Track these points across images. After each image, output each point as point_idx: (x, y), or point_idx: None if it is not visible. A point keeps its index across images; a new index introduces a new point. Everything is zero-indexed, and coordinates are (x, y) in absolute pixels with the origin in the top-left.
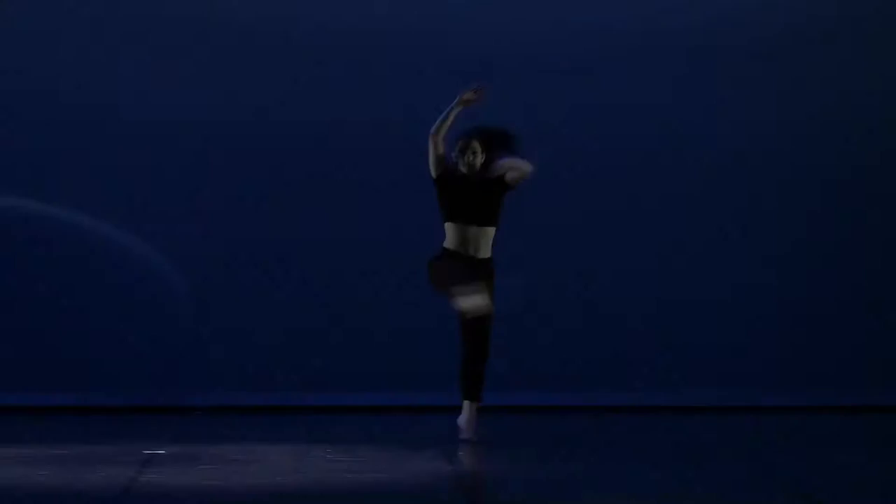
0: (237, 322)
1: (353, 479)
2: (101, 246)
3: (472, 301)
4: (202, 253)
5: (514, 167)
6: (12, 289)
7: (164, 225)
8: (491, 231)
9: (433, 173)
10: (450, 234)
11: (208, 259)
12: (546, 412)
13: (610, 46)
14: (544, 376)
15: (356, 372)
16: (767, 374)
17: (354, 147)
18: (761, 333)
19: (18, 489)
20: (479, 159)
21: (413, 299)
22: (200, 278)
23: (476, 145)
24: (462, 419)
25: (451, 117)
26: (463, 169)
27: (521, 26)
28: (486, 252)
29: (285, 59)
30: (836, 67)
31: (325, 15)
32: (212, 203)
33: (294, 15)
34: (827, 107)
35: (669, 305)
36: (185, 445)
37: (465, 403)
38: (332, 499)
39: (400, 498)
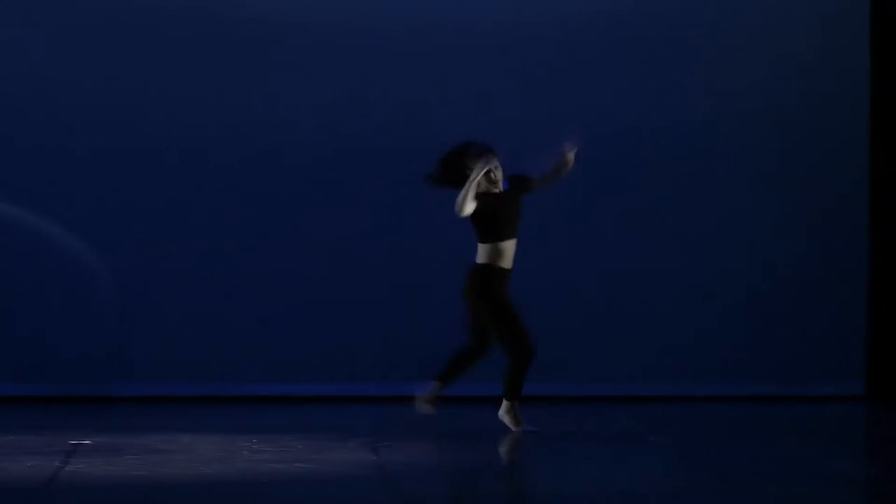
0: (162, 312)
1: (278, 468)
2: (22, 235)
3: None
4: (128, 242)
5: (564, 167)
6: None
7: (87, 215)
8: None
9: (469, 210)
10: (498, 252)
11: (132, 249)
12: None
13: (529, 38)
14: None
15: (282, 363)
16: (685, 365)
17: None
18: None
19: None
20: (501, 172)
21: (336, 289)
22: (125, 268)
23: (496, 160)
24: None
25: (474, 188)
26: (493, 188)
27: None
28: None
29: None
30: (751, 56)
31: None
32: (131, 191)
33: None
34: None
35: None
36: (110, 436)
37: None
38: (257, 488)
39: (324, 487)
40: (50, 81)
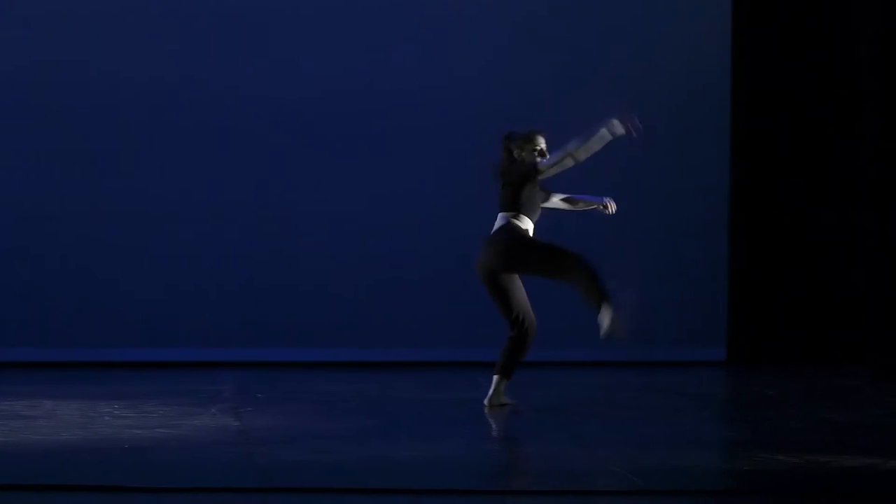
0: (24, 277)
1: (140, 434)
2: None
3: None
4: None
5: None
6: None
7: None
8: None
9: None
10: (531, 222)
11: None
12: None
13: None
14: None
15: (146, 328)
16: None
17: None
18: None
19: None
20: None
21: (204, 254)
22: None
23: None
24: None
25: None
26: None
27: None
28: None
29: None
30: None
31: None
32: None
33: None
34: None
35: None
36: None
37: None
38: (119, 454)
39: (185, 453)
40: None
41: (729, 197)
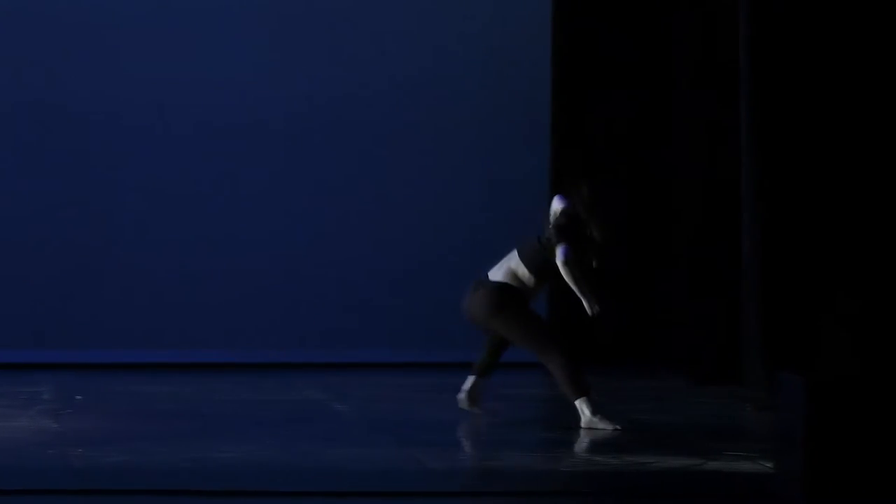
0: None
1: None
2: None
3: None
4: None
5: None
6: None
7: None
8: None
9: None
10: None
11: None
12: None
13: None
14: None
15: None
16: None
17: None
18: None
19: None
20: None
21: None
22: None
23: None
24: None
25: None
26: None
27: None
28: None
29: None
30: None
31: None
32: None
33: None
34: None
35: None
36: None
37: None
38: None
39: (3, 455)
40: None
41: (548, 187)
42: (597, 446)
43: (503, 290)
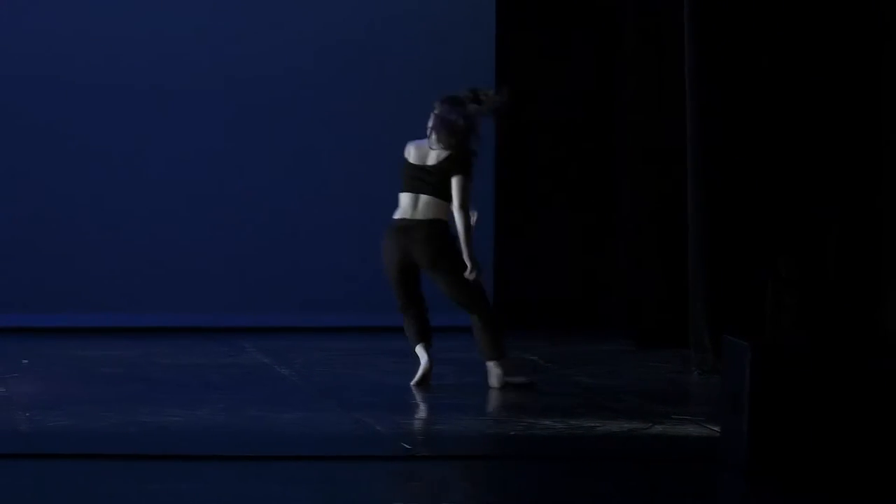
0: None
1: None
2: None
3: None
4: None
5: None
6: None
7: None
8: None
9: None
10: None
11: None
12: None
13: None
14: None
15: None
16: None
17: None
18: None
19: None
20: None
21: None
22: None
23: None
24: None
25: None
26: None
27: None
28: None
29: None
30: None
31: None
32: None
33: None
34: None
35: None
36: None
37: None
38: None
39: None
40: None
41: (494, 157)
42: (543, 410)
43: (447, 229)
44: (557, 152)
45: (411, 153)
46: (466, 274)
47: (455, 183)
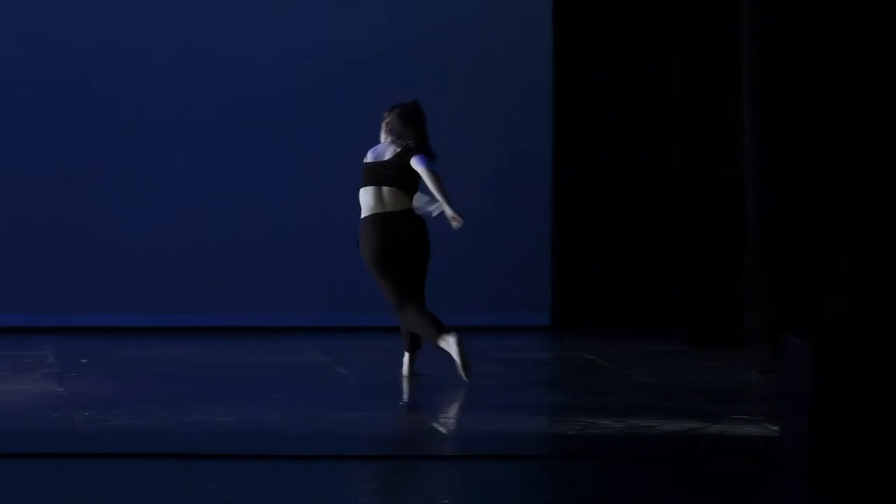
0: None
1: None
2: None
3: None
4: None
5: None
6: None
7: None
8: None
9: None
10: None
11: None
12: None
13: None
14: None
15: None
16: None
17: None
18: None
19: None
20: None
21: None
22: None
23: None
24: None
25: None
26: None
27: None
28: None
29: None
30: None
31: None
32: None
33: None
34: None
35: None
36: None
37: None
38: None
39: (7, 418)
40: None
41: (552, 164)
42: (601, 410)
43: (421, 218)
44: (613, 152)
45: (368, 156)
46: (456, 224)
47: (415, 160)
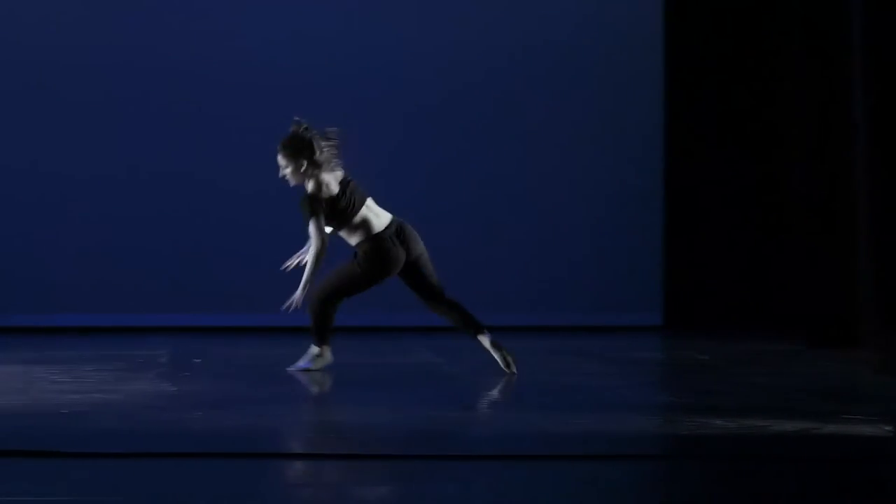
0: None
1: (77, 399)
2: None
3: None
4: None
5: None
6: None
7: None
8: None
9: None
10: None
11: None
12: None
13: None
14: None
15: (75, 293)
16: None
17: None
18: (489, 259)
19: None
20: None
21: (125, 220)
22: None
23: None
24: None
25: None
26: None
27: None
28: None
29: None
30: None
31: None
32: None
33: None
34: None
35: None
36: None
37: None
38: (56, 419)
39: (122, 418)
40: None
41: (664, 163)
42: (714, 410)
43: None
44: (727, 153)
45: (331, 184)
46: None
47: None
